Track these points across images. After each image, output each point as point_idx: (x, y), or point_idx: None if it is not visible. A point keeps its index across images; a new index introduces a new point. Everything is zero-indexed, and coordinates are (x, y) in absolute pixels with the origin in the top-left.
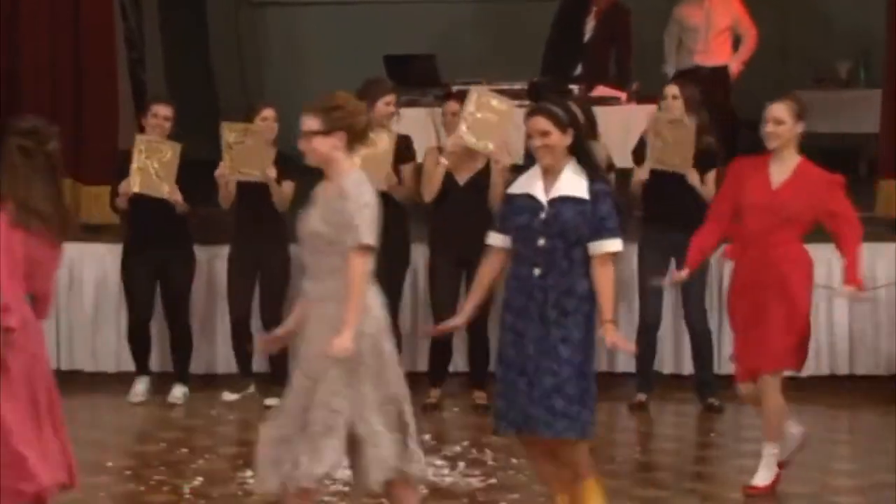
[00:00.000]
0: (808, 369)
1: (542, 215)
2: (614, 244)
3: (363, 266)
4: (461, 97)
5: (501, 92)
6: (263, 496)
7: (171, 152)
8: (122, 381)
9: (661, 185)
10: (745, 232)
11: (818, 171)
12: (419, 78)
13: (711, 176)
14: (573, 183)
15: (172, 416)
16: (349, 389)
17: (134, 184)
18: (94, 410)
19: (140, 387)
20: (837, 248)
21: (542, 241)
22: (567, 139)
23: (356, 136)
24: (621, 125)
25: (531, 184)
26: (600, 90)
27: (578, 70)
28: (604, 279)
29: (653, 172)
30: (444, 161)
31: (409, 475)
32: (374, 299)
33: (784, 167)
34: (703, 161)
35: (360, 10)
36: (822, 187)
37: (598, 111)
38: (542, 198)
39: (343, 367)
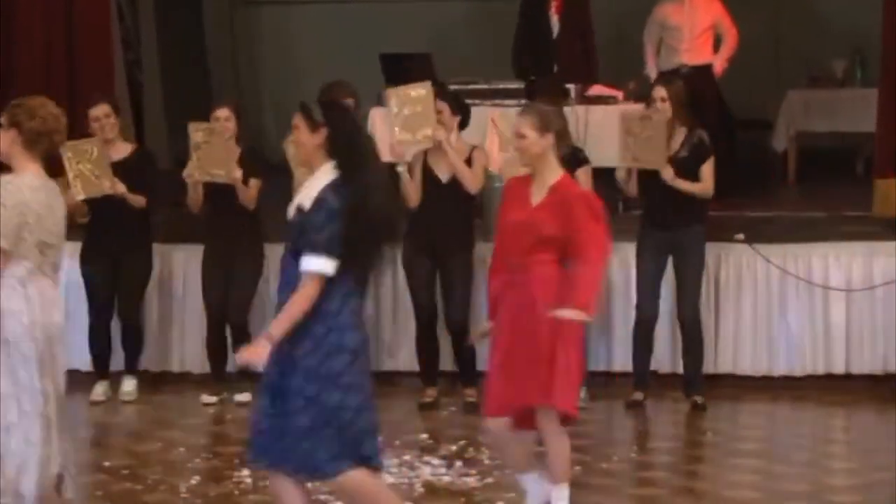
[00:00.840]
0: (805, 368)
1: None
2: (314, 262)
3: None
4: (443, 95)
5: (499, 91)
6: (261, 496)
7: (96, 149)
8: (119, 380)
9: (659, 185)
10: (503, 253)
11: (575, 188)
12: (415, 77)
13: (706, 169)
14: (309, 190)
15: (169, 415)
16: None
17: (77, 192)
18: (90, 409)
19: (100, 388)
20: (572, 268)
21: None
22: (318, 138)
23: (30, 138)
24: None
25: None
26: (597, 89)
27: (554, 69)
28: (294, 300)
29: (648, 172)
30: (399, 169)
31: None
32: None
33: (543, 185)
34: (697, 154)
35: (354, 9)
36: (573, 205)
37: (596, 110)
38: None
39: None
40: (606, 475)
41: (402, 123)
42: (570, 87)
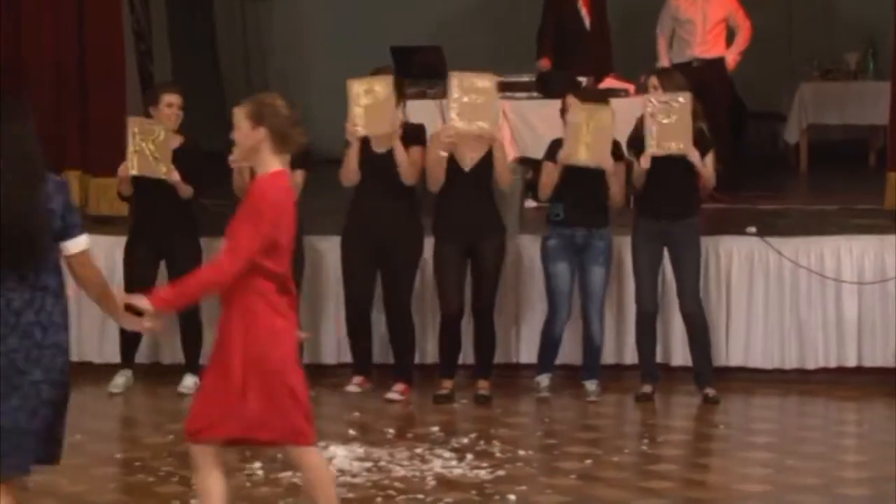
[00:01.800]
0: (817, 361)
1: None
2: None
3: None
4: None
5: (509, 84)
6: (272, 488)
7: (163, 133)
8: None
9: (654, 175)
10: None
11: (258, 191)
12: (426, 70)
13: (709, 159)
14: None
15: (181, 407)
16: None
17: (132, 166)
18: (102, 402)
19: (120, 380)
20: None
21: None
22: None
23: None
24: (630, 117)
25: None
26: (608, 82)
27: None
28: None
29: (655, 167)
30: (441, 153)
31: None
32: None
33: None
34: (700, 145)
35: (364, 2)
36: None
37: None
38: None
39: None
40: (617, 468)
41: (459, 110)
42: (583, 80)
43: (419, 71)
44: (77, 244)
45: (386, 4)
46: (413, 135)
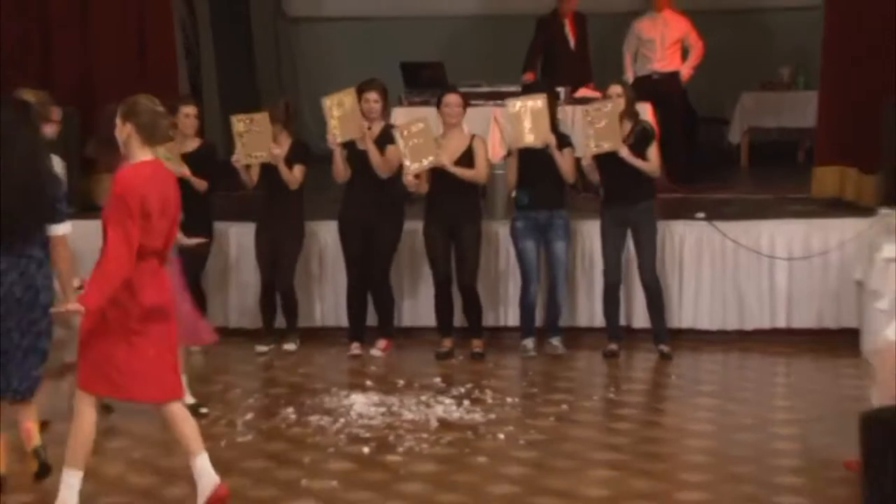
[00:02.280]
0: (753, 323)
1: None
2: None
3: None
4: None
5: (499, 93)
6: (301, 428)
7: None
8: None
9: (610, 169)
10: None
11: (119, 182)
12: (430, 81)
13: (652, 152)
14: None
15: (228, 362)
16: None
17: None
18: None
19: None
20: None
21: None
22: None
23: None
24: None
25: None
26: (583, 91)
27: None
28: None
29: (607, 159)
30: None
31: None
32: None
33: None
34: (641, 140)
35: (377, 25)
36: (110, 200)
37: (582, 108)
38: None
39: None
40: (588, 412)
41: (409, 154)
42: (560, 89)
43: (424, 83)
44: (60, 229)
45: (396, 27)
46: (389, 136)
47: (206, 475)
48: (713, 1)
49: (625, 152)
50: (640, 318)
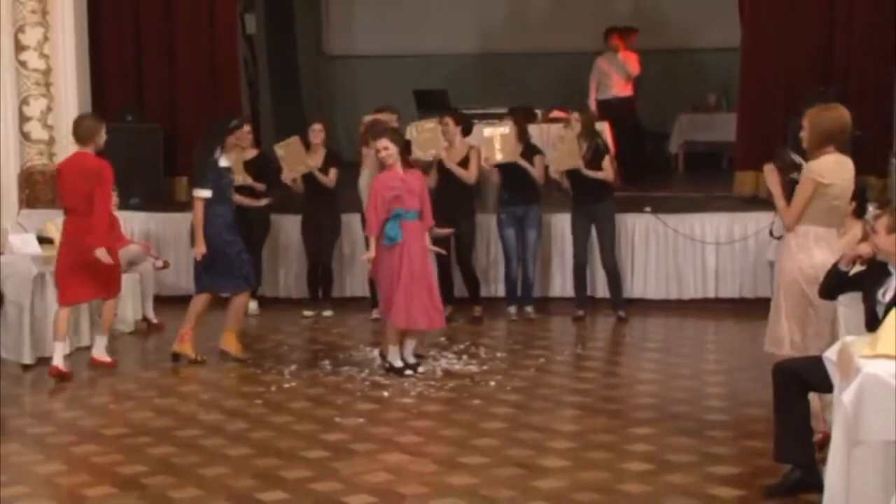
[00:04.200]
0: (689, 293)
1: None
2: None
3: None
4: (454, 115)
5: (489, 115)
6: (334, 377)
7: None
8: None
9: (579, 177)
10: None
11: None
12: (436, 105)
13: (605, 163)
14: None
15: (278, 324)
16: None
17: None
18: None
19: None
20: None
21: None
22: None
23: None
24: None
25: None
26: (555, 113)
27: None
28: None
29: (572, 171)
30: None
31: None
32: None
33: None
34: (596, 155)
35: (396, 60)
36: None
37: (554, 126)
38: None
39: None
40: (561, 364)
41: (418, 144)
42: (538, 111)
43: (432, 105)
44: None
45: (411, 62)
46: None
47: None
48: (658, 42)
49: (586, 171)
50: (601, 289)
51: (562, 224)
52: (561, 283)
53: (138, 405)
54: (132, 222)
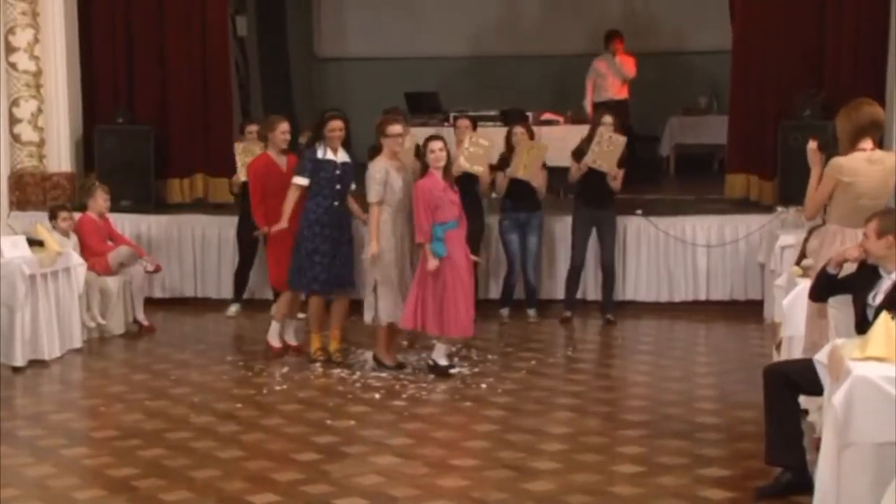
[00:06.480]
0: (680, 295)
1: None
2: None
3: None
4: (470, 118)
5: (481, 117)
6: (328, 380)
7: (258, 150)
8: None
9: (592, 181)
10: None
11: None
12: (427, 107)
13: (622, 173)
14: None
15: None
16: None
17: (242, 175)
18: (215, 323)
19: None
20: None
21: None
22: None
23: None
24: (560, 138)
25: None
26: (546, 115)
27: None
28: None
29: (592, 172)
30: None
31: None
32: None
33: None
34: (620, 163)
35: (387, 63)
36: None
37: (545, 128)
38: None
39: None
40: (552, 366)
41: (467, 156)
42: (529, 113)
43: (423, 108)
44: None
45: (402, 65)
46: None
47: None
48: (648, 45)
49: (612, 180)
50: (591, 292)
51: (559, 228)
52: (552, 287)
53: (129, 407)
54: (123, 224)
